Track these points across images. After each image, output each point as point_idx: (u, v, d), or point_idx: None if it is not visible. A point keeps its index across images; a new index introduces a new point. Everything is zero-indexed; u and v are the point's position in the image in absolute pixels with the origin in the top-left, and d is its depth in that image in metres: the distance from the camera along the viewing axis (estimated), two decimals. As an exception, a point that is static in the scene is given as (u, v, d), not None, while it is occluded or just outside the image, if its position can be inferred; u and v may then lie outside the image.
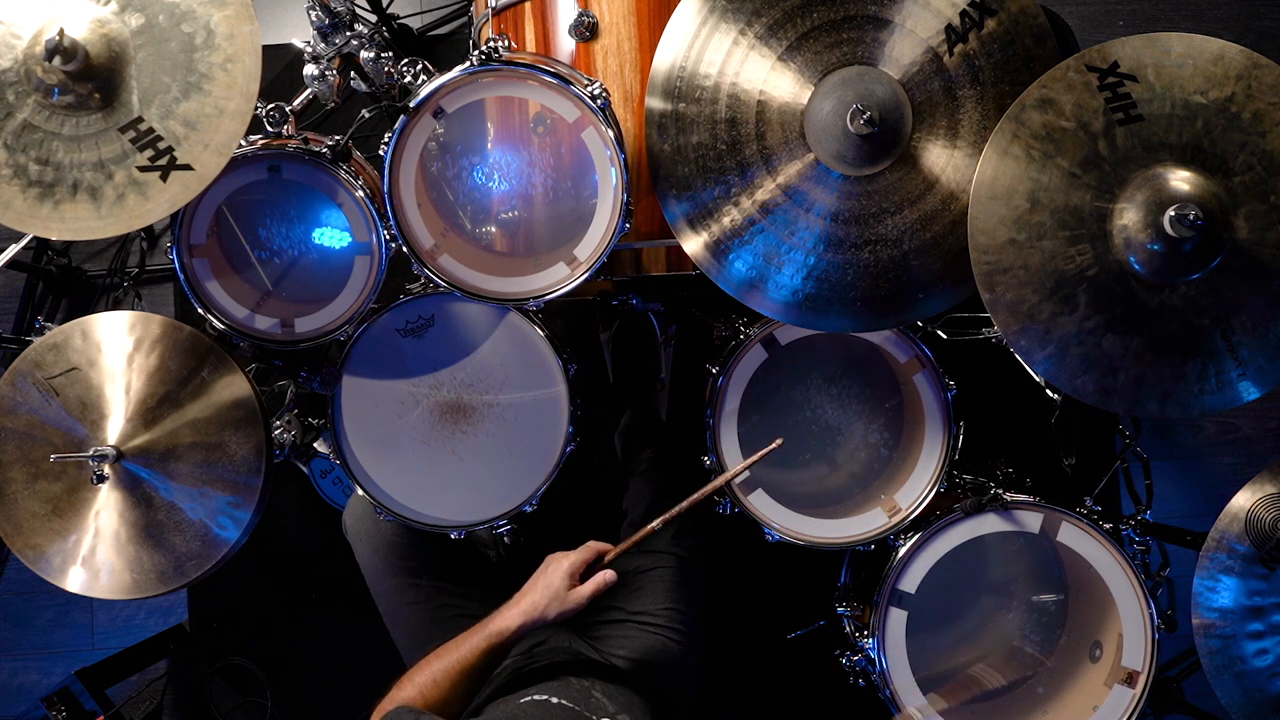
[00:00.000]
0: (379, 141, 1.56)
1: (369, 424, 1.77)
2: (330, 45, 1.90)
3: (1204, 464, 2.56)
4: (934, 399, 1.76)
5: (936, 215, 1.49)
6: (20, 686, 2.51)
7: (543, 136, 1.71)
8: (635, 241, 1.74)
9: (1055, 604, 1.87)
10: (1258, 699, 1.62)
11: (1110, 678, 1.69)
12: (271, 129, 1.71)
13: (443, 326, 1.77)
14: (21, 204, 1.44)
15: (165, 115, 1.44)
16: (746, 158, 1.49)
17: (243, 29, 1.44)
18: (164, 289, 2.55)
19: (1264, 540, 1.61)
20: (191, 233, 1.67)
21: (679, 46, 1.49)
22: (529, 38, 1.73)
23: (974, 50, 1.44)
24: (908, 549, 1.69)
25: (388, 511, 1.74)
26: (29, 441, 1.60)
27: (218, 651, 2.44)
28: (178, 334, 1.62)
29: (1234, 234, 1.36)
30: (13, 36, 1.43)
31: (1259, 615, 1.62)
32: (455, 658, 1.46)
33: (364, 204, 1.67)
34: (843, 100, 1.42)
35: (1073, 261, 1.38)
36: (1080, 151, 1.37)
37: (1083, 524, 1.68)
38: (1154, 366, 1.41)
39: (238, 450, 1.62)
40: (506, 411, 1.78)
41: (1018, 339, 1.42)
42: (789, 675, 2.39)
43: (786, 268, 1.53)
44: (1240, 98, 1.35)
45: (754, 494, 1.76)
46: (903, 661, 1.69)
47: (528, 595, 1.52)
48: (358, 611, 2.20)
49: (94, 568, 1.61)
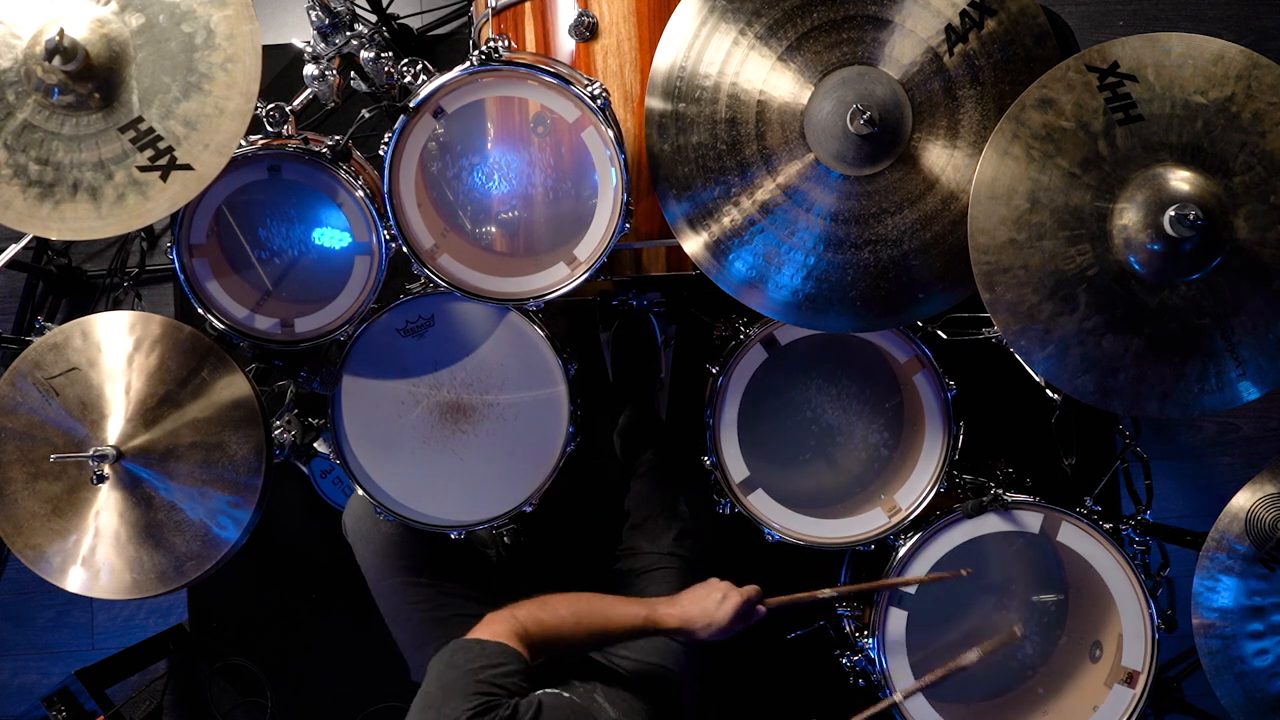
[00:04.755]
0: (379, 141, 1.56)
1: (369, 424, 1.77)
2: (330, 45, 1.90)
3: (1204, 464, 2.56)
4: (934, 399, 1.76)
5: (936, 215, 1.49)
6: (20, 686, 2.51)
7: (543, 136, 1.71)
8: (635, 241, 1.74)
9: (1055, 604, 1.87)
10: (1258, 699, 1.62)
11: (1110, 678, 1.69)
12: (271, 129, 1.71)
13: (443, 326, 1.77)
14: (21, 204, 1.44)
15: (165, 115, 1.44)
16: (746, 158, 1.49)
17: (243, 29, 1.44)
18: (164, 289, 2.55)
19: (1264, 540, 1.61)
20: (191, 233, 1.67)
21: (679, 46, 1.49)
22: (529, 38, 1.73)
23: (974, 50, 1.44)
24: (908, 549, 1.69)
25: (388, 511, 1.74)
26: (29, 441, 1.60)
27: (218, 651, 2.44)
28: (178, 334, 1.62)
29: (1234, 234, 1.36)
30: (13, 36, 1.43)
31: (1259, 615, 1.62)
32: (603, 615, 1.51)
33: (364, 204, 1.66)
34: (843, 100, 1.42)
35: (1073, 261, 1.38)
36: (1080, 151, 1.37)
37: (1083, 524, 1.68)
38: (1154, 366, 1.41)
39: (238, 450, 1.62)
40: (506, 411, 1.78)
41: (1018, 339, 1.42)
42: (789, 675, 2.39)
43: (786, 268, 1.53)
44: (1240, 98, 1.35)
45: (754, 494, 1.76)
46: (903, 661, 1.69)
47: (690, 605, 1.57)
48: (358, 611, 2.20)
49: (94, 568, 1.61)
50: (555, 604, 1.52)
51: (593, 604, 1.53)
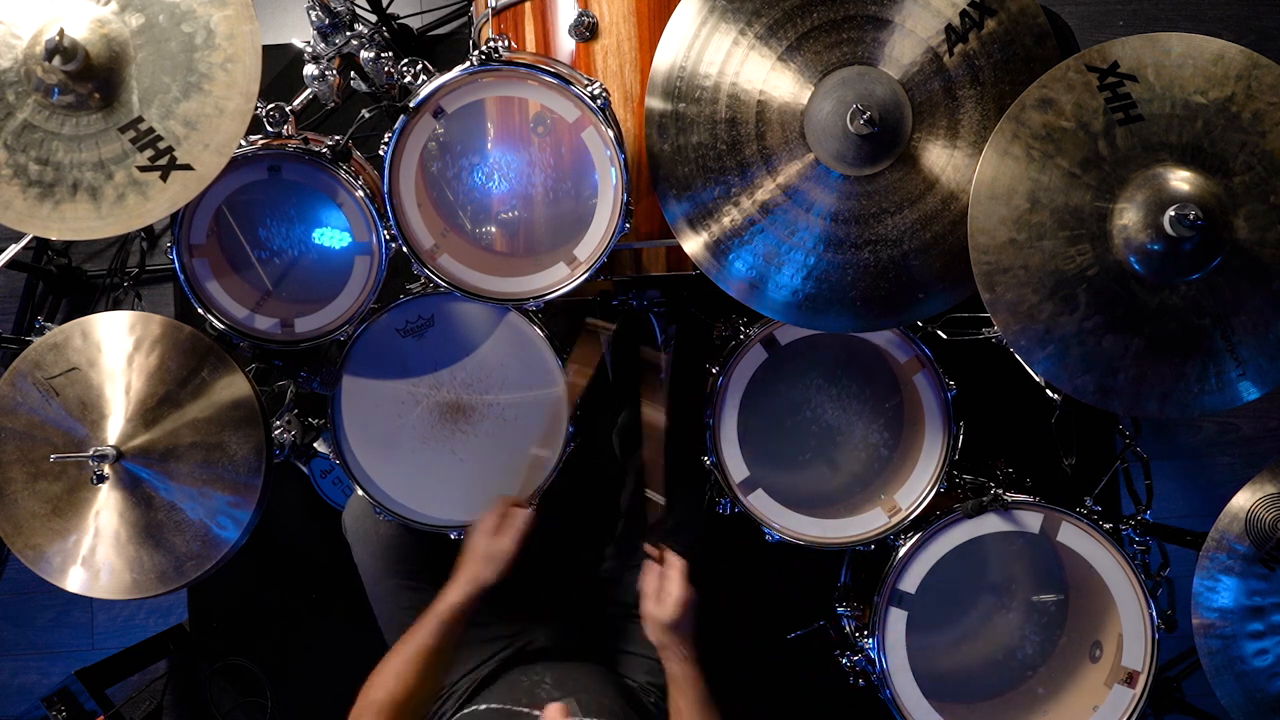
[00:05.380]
0: (379, 141, 1.56)
1: (369, 424, 1.77)
2: (330, 45, 1.90)
3: (1204, 464, 2.56)
4: (934, 399, 1.76)
5: (936, 215, 1.49)
6: (20, 686, 2.51)
7: (543, 136, 1.71)
8: (635, 241, 1.74)
9: (1055, 604, 1.87)
10: (1258, 699, 1.62)
11: (1110, 678, 1.69)
12: (271, 129, 1.71)
13: (442, 326, 1.77)
14: (21, 204, 1.44)
15: (165, 115, 1.44)
16: (746, 158, 1.49)
17: (243, 29, 1.44)
18: (164, 289, 2.55)
19: (1264, 540, 1.61)
20: (191, 233, 1.67)
21: (679, 46, 1.49)
22: (529, 38, 1.73)
23: (974, 50, 1.44)
24: (908, 549, 1.69)
25: (387, 511, 1.74)
26: (29, 441, 1.60)
27: (218, 651, 2.44)
28: (178, 334, 1.62)
29: (1234, 234, 1.36)
30: (13, 36, 1.43)
31: (1259, 615, 1.62)
32: (413, 647, 1.49)
33: (364, 204, 1.67)
34: (843, 100, 1.42)
35: (1073, 261, 1.38)
36: (1080, 151, 1.37)
37: (1083, 524, 1.68)
38: (1154, 366, 1.41)
39: (238, 450, 1.62)
40: (506, 411, 1.78)
41: (1018, 339, 1.42)
42: (789, 675, 2.39)
43: (786, 268, 1.53)
44: (1240, 98, 1.35)
45: (754, 494, 1.76)
46: (903, 661, 1.69)
47: (463, 567, 1.56)
48: (358, 611, 2.20)
49: (94, 568, 1.61)
50: (375, 681, 1.48)
51: (401, 650, 1.49)
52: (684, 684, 1.51)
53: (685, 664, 1.51)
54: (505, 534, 1.57)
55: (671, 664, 1.52)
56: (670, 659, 1.52)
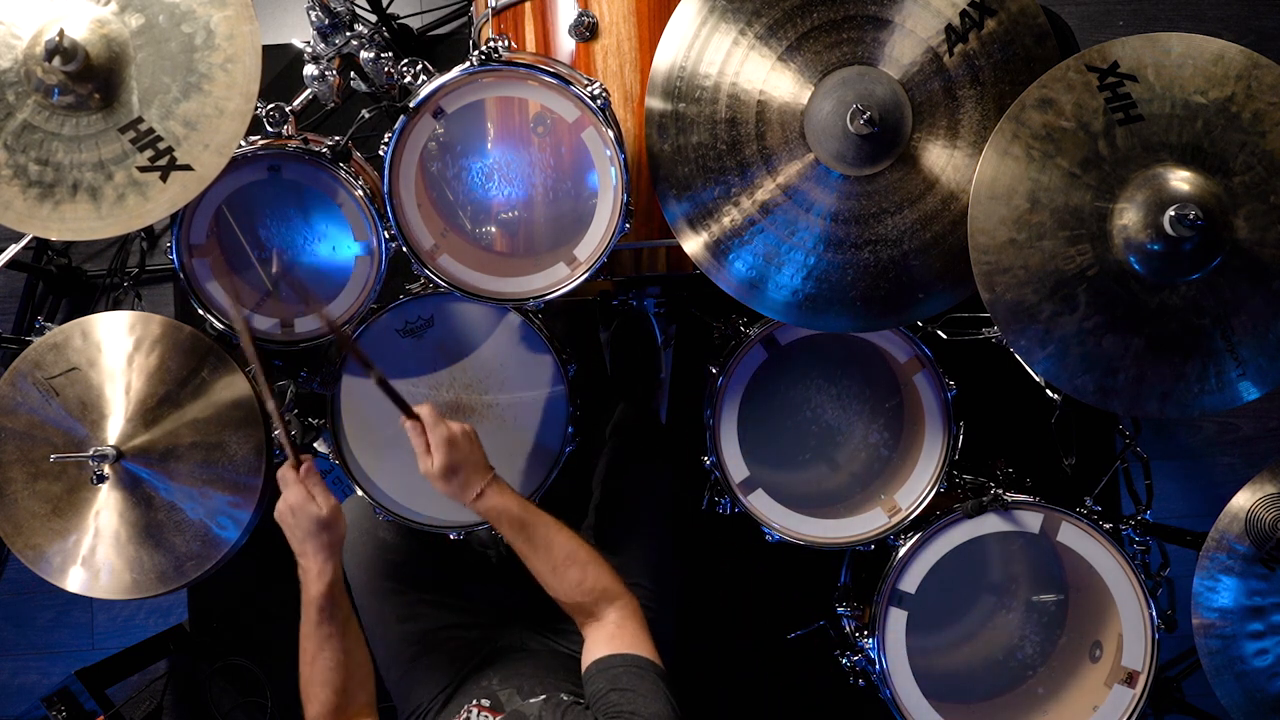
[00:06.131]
0: (379, 141, 1.56)
1: (368, 424, 1.77)
2: (330, 45, 1.90)
3: (1204, 464, 2.56)
4: (934, 399, 1.76)
5: (936, 215, 1.49)
6: (20, 686, 2.51)
7: (543, 136, 1.71)
8: (635, 241, 1.74)
9: (1055, 604, 1.87)
10: (1258, 699, 1.62)
11: (1110, 678, 1.69)
12: (271, 129, 1.71)
13: (442, 326, 1.77)
14: (21, 204, 1.44)
15: (165, 115, 1.44)
16: (746, 158, 1.49)
17: (243, 29, 1.44)
18: (164, 289, 2.56)
19: (1264, 540, 1.61)
20: (191, 233, 1.67)
21: (679, 46, 1.49)
22: (529, 38, 1.73)
23: (974, 50, 1.44)
24: (908, 549, 1.69)
25: (387, 512, 1.74)
26: (29, 441, 1.60)
27: (218, 651, 2.44)
28: (178, 334, 1.62)
29: (1234, 234, 1.36)
30: (13, 36, 1.43)
31: (1259, 615, 1.62)
32: (309, 653, 1.43)
33: (364, 204, 1.66)
34: (843, 100, 1.42)
35: (1073, 261, 1.38)
36: (1080, 151, 1.37)
37: (1083, 524, 1.68)
38: (1154, 366, 1.41)
39: (238, 450, 1.63)
40: (506, 411, 1.78)
41: (1018, 339, 1.42)
42: (789, 675, 2.39)
43: (786, 268, 1.53)
44: (1240, 98, 1.35)
45: (754, 494, 1.76)
46: (903, 661, 1.69)
47: (302, 556, 1.44)
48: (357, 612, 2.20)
49: (94, 568, 1.61)
50: (306, 703, 1.44)
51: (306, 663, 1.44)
52: (496, 519, 1.46)
53: (482, 501, 1.46)
54: (309, 499, 1.42)
55: (479, 510, 1.47)
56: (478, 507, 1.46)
